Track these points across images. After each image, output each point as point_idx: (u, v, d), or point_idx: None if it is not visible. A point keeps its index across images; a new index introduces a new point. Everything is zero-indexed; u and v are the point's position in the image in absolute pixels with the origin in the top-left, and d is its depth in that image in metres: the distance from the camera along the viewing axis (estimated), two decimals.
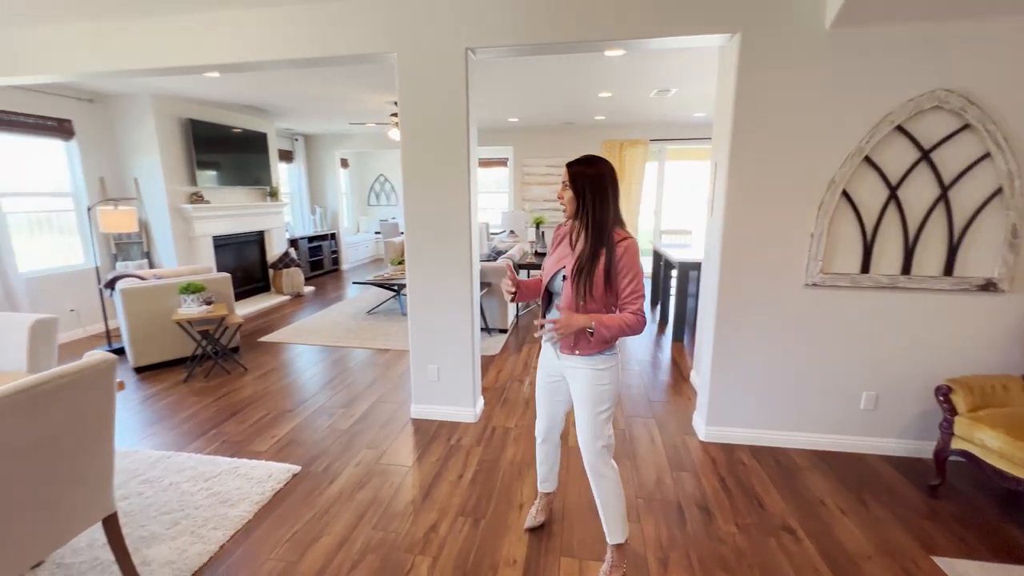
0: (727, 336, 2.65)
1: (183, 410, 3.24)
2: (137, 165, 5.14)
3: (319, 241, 8.36)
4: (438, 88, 2.64)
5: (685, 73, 4.22)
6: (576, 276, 1.60)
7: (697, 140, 7.26)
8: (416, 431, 2.93)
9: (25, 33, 3.01)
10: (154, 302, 3.84)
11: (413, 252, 2.89)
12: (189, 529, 2.06)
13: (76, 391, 1.51)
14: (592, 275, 1.58)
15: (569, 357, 1.71)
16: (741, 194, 2.48)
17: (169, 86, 4.65)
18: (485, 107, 5.81)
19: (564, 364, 1.74)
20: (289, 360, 4.19)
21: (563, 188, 1.65)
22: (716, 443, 2.77)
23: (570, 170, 1.63)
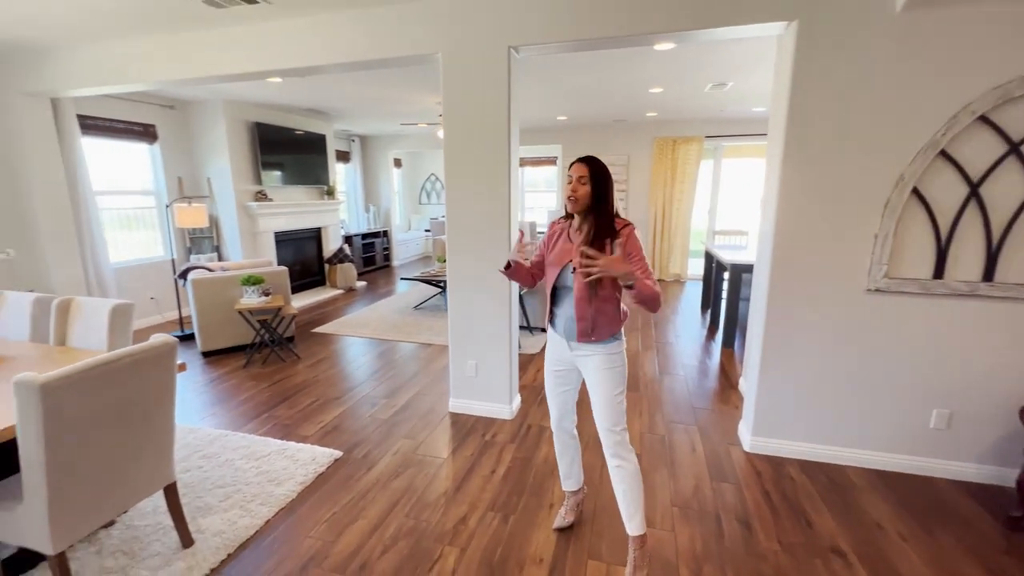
0: (777, 342, 2.50)
1: (241, 393, 3.48)
2: (210, 165, 5.57)
3: (372, 238, 8.69)
4: (480, 87, 2.66)
5: (743, 65, 4.01)
6: (587, 266, 1.59)
7: (757, 136, 6.89)
8: (453, 425, 2.98)
9: (112, 46, 3.33)
10: (220, 292, 4.14)
11: (454, 249, 2.94)
12: (239, 503, 2.21)
13: (142, 369, 1.66)
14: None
15: (583, 346, 1.76)
16: (796, 191, 2.33)
17: (238, 92, 5.00)
18: (533, 106, 5.81)
19: (576, 353, 1.79)
20: (339, 351, 4.39)
21: (579, 183, 1.69)
22: (762, 455, 2.62)
23: (589, 166, 1.69)
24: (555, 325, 1.84)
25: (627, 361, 1.81)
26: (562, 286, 1.78)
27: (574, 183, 1.70)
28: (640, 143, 7.40)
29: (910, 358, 2.34)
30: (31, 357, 2.16)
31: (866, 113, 2.18)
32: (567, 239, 1.79)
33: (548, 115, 6.55)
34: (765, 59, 3.82)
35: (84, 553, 1.90)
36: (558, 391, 1.93)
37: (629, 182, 7.60)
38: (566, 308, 1.77)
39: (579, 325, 1.72)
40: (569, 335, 1.78)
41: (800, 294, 2.42)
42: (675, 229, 7.44)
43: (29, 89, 3.69)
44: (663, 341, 4.62)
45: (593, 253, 1.55)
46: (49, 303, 2.42)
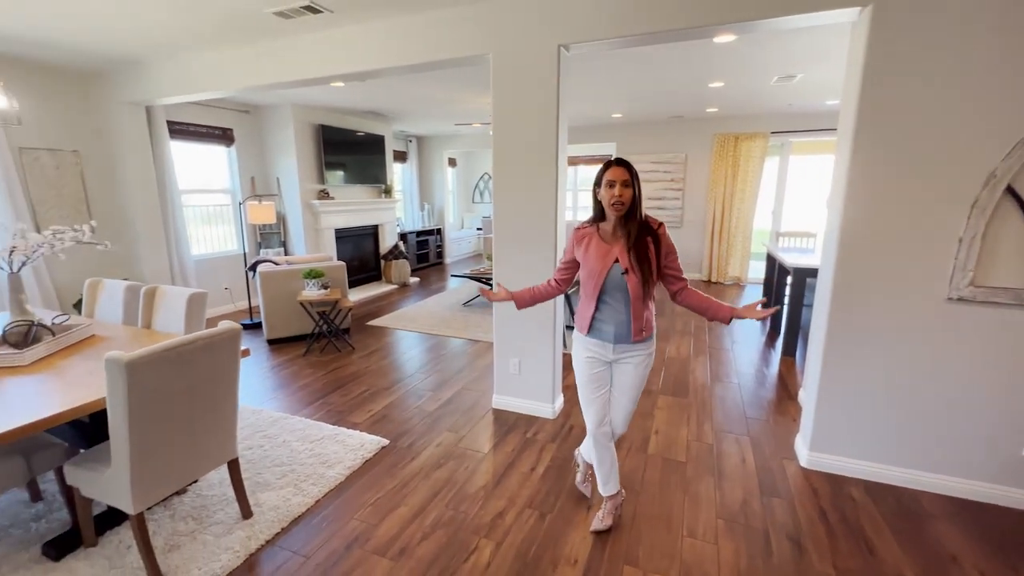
0: (840, 350, 2.33)
1: (300, 379, 3.70)
2: (279, 166, 5.96)
3: (426, 236, 8.95)
4: (529, 87, 2.67)
5: (814, 55, 3.76)
6: (640, 265, 1.73)
7: (829, 131, 6.42)
8: (495, 421, 3.02)
9: (196, 58, 3.65)
10: (284, 284, 4.43)
11: (500, 248, 2.97)
12: (293, 482, 2.36)
13: (211, 352, 1.81)
14: (650, 261, 1.74)
15: (631, 346, 1.84)
16: (865, 189, 2.16)
17: (305, 96, 5.31)
18: (586, 103, 5.74)
19: (620, 355, 1.86)
20: (391, 343, 4.56)
21: (623, 188, 1.71)
22: (820, 471, 2.45)
23: (628, 169, 1.72)
24: (597, 329, 1.85)
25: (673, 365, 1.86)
26: (611, 289, 1.78)
27: (619, 188, 1.70)
28: (699, 140, 7.11)
29: (998, 377, 2.10)
30: (123, 338, 2.42)
31: (949, 104, 1.98)
32: (600, 242, 1.80)
33: (602, 112, 6.45)
34: (839, 48, 3.56)
35: (160, 515, 2.11)
36: (596, 395, 1.93)
37: (686, 181, 7.33)
38: (615, 311, 1.80)
39: (635, 324, 1.79)
40: (619, 336, 1.81)
41: (868, 300, 2.24)
42: (735, 230, 7.09)
43: (128, 99, 4.12)
44: (717, 347, 4.42)
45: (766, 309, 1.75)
46: (138, 290, 2.70)
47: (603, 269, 1.77)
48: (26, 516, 2.11)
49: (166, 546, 1.93)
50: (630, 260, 1.74)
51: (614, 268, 1.75)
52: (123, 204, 4.47)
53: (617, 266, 1.75)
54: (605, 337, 1.84)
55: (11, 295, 2.26)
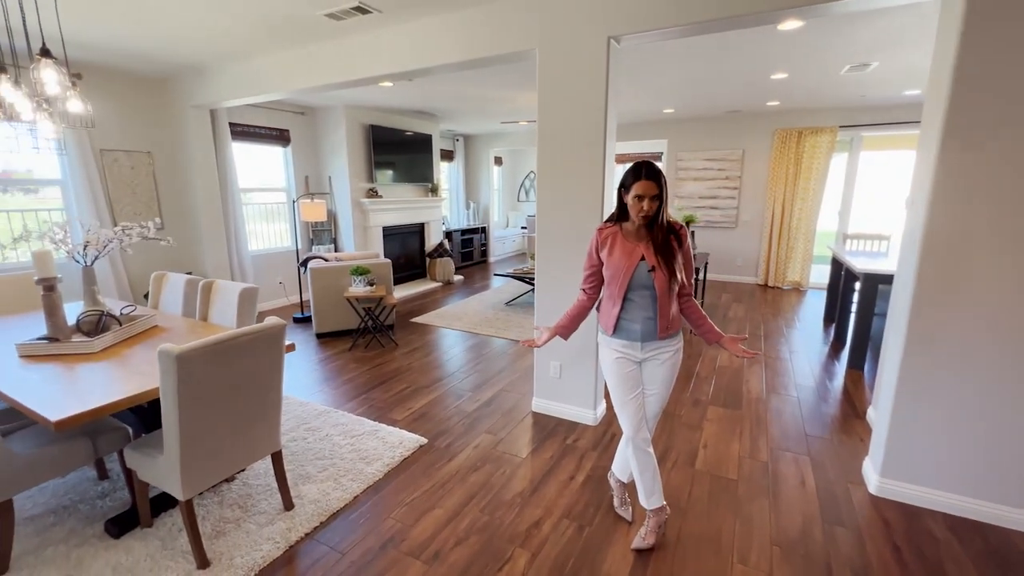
0: (920, 366, 2.08)
1: (345, 374, 3.79)
2: (331, 165, 6.15)
3: (471, 234, 9.00)
4: (577, 82, 2.58)
5: (892, 39, 3.42)
6: (666, 264, 1.73)
7: (906, 124, 5.89)
8: (534, 424, 2.95)
9: (254, 62, 3.80)
10: (332, 280, 4.56)
11: (543, 248, 2.90)
12: (333, 476, 2.39)
13: (257, 346, 1.85)
14: (676, 260, 1.75)
15: (660, 343, 1.83)
16: (955, 186, 1.91)
17: (356, 97, 5.45)
18: (635, 98, 5.55)
19: (648, 353, 1.84)
20: (433, 341, 4.60)
21: (651, 202, 1.70)
22: (893, 500, 2.21)
23: (657, 181, 1.70)
24: (624, 329, 1.83)
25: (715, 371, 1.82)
26: (637, 287, 1.77)
27: (647, 203, 1.70)
28: (758, 136, 6.72)
29: None
30: (181, 329, 2.55)
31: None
32: (625, 241, 1.80)
33: (653, 108, 6.22)
34: (922, 32, 3.22)
35: (210, 501, 2.19)
36: (629, 397, 1.86)
37: (742, 179, 6.95)
38: (642, 309, 1.79)
39: (661, 322, 1.78)
40: (647, 335, 1.81)
41: (955, 312, 1.99)
42: (796, 231, 6.65)
43: (194, 102, 4.36)
44: (774, 356, 4.14)
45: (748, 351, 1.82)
46: (197, 284, 2.84)
47: (629, 267, 1.76)
48: (93, 493, 2.25)
49: (213, 532, 2.00)
50: (657, 257, 1.74)
51: (640, 266, 1.75)
52: (189, 202, 4.75)
53: (643, 264, 1.75)
54: (632, 336, 1.82)
55: (85, 286, 2.43)
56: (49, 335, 2.21)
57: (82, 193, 4.03)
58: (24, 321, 2.68)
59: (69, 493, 2.25)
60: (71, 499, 2.21)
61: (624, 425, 1.89)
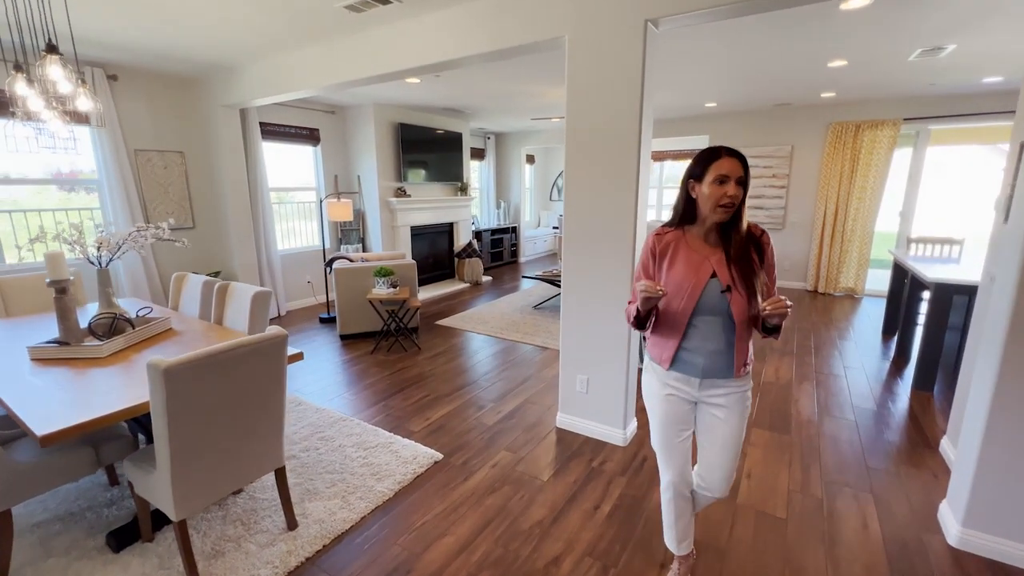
0: (1017, 400, 1.75)
1: (366, 378, 3.68)
2: (360, 164, 6.11)
3: (501, 234, 8.83)
4: (610, 70, 2.34)
5: (972, 19, 3.00)
6: (745, 281, 1.38)
7: (983, 116, 5.29)
8: (558, 442, 2.74)
9: (279, 60, 3.75)
10: (357, 281, 4.48)
11: (571, 251, 2.68)
12: (341, 493, 2.26)
13: (255, 359, 1.73)
14: (757, 275, 1.39)
15: (725, 383, 1.48)
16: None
17: (385, 94, 5.36)
18: (674, 90, 5.22)
19: (709, 393, 1.50)
20: (457, 345, 4.45)
21: (737, 186, 1.35)
22: (978, 556, 1.88)
23: (744, 163, 1.36)
24: (684, 362, 1.48)
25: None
26: (706, 311, 1.42)
27: (732, 186, 1.34)
28: (809, 130, 6.23)
29: None
30: (194, 332, 2.48)
31: None
32: (690, 250, 1.44)
33: (693, 102, 5.86)
34: (1014, 10, 2.79)
35: (213, 516, 2.10)
36: (678, 440, 1.57)
37: (791, 177, 6.47)
38: (709, 339, 1.43)
39: (737, 358, 1.44)
40: (712, 371, 1.46)
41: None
42: (851, 234, 6.13)
43: (224, 102, 4.37)
44: (826, 371, 3.77)
45: (783, 303, 1.29)
46: (213, 286, 2.77)
47: (697, 285, 1.40)
48: (101, 500, 2.20)
49: (212, 551, 1.90)
50: (732, 274, 1.38)
51: (711, 284, 1.40)
52: (219, 202, 4.78)
53: (715, 281, 1.39)
54: (692, 371, 1.48)
55: (100, 288, 2.39)
56: (60, 338, 2.17)
57: (116, 193, 4.09)
58: (44, 321, 2.68)
59: (79, 499, 2.21)
60: (80, 505, 2.17)
61: (664, 470, 1.62)
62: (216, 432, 1.67)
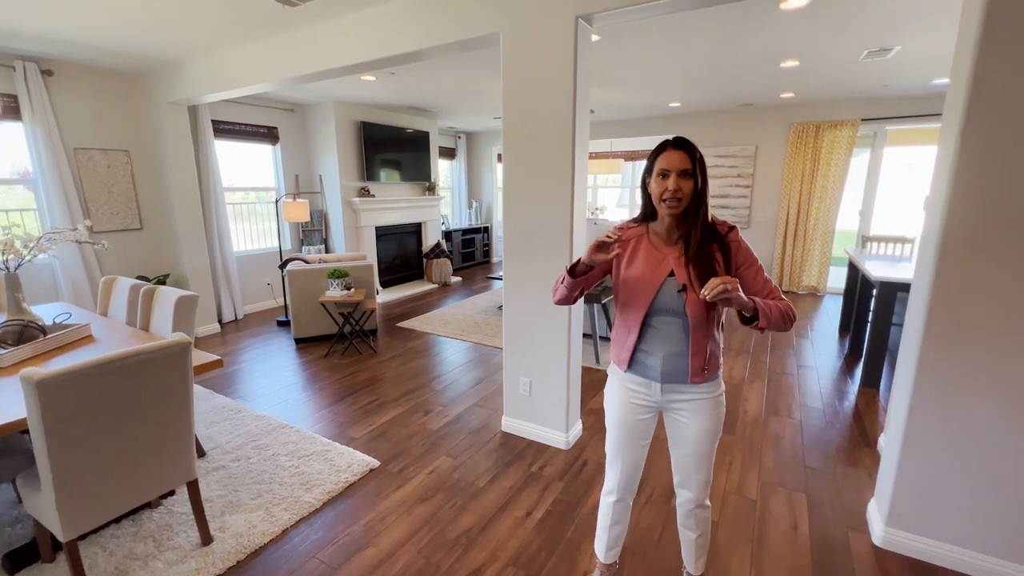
0: (935, 398, 1.75)
1: (316, 383, 3.59)
2: (321, 163, 5.99)
3: (472, 234, 8.76)
4: (542, 67, 2.30)
5: (916, 19, 3.03)
6: (702, 281, 1.27)
7: (935, 117, 5.40)
8: (501, 447, 2.69)
9: (227, 55, 3.63)
10: (311, 283, 4.37)
11: (510, 252, 2.63)
12: (266, 504, 2.17)
13: (152, 368, 1.64)
14: (717, 274, 1.28)
15: (688, 388, 1.40)
16: (978, 184, 1.58)
17: (346, 93, 5.25)
18: (638, 90, 5.22)
19: (672, 398, 1.42)
20: (415, 348, 4.37)
21: (680, 179, 1.28)
22: (899, 555, 1.88)
23: (690, 153, 1.29)
24: (641, 364, 1.42)
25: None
26: (662, 311, 1.36)
27: (674, 180, 1.28)
28: (771, 130, 6.30)
29: None
30: (114, 339, 2.36)
31: None
32: (651, 248, 1.39)
33: (658, 101, 5.87)
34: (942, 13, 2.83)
35: (125, 532, 2.00)
36: (629, 449, 1.51)
37: (755, 176, 6.53)
38: (667, 340, 1.37)
39: (694, 361, 1.35)
40: (671, 375, 1.38)
41: (981, 330, 1.65)
42: (813, 232, 6.21)
43: (170, 99, 4.22)
44: (779, 370, 3.79)
45: (724, 281, 1.17)
46: (139, 290, 2.66)
47: (654, 282, 1.35)
48: (6, 519, 2.08)
49: (116, 570, 1.80)
50: (690, 273, 1.31)
51: (668, 282, 1.34)
52: (168, 202, 4.62)
53: (672, 280, 1.34)
54: (651, 374, 1.41)
55: (8, 294, 2.27)
56: None
57: (53, 193, 3.92)
58: None
59: None
60: None
61: (608, 478, 1.57)
62: (107, 447, 1.58)
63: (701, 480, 1.48)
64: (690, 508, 1.53)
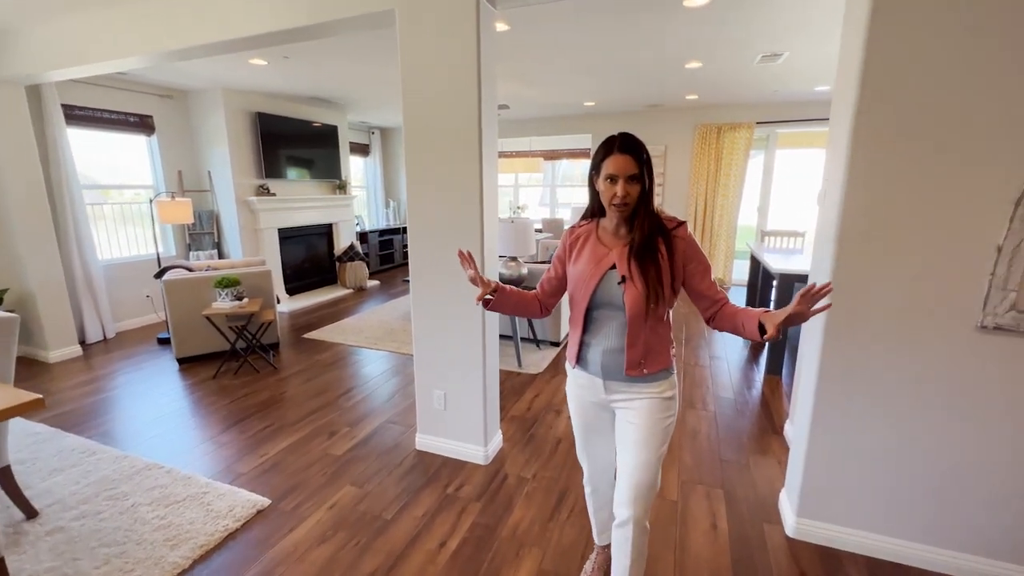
0: (838, 392, 1.79)
1: (199, 410, 3.10)
2: (210, 158, 5.32)
3: (391, 235, 8.34)
4: (443, 52, 2.10)
5: (801, 27, 3.21)
6: (644, 273, 1.28)
7: (817, 122, 5.92)
8: (415, 468, 2.45)
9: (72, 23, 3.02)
10: (195, 294, 3.81)
11: (417, 252, 2.41)
12: (117, 570, 1.77)
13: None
14: (658, 268, 1.29)
15: (629, 384, 1.36)
16: (869, 184, 1.61)
17: (234, 79, 4.68)
18: (553, 87, 5.17)
19: (616, 397, 1.40)
20: (322, 361, 3.97)
21: (628, 184, 1.26)
22: (811, 543, 1.92)
23: (637, 157, 1.26)
24: (585, 358, 1.43)
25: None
26: (603, 304, 1.35)
27: (622, 186, 1.26)
28: (679, 131, 6.58)
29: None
30: None
31: (984, 64, 1.43)
32: (598, 243, 1.39)
33: (573, 99, 5.88)
34: (833, 20, 3.02)
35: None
36: (592, 446, 1.55)
37: (666, 175, 6.80)
38: (607, 335, 1.36)
39: (628, 354, 1.33)
40: (609, 371, 1.37)
41: (874, 327, 1.70)
42: (719, 228, 6.58)
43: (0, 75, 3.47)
44: (694, 362, 3.89)
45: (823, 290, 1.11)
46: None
47: (595, 275, 1.34)
48: None
49: None
50: (630, 266, 1.30)
51: (609, 276, 1.33)
52: (3, 203, 3.81)
53: (613, 273, 1.33)
54: (592, 369, 1.41)
55: None
56: None
57: None
58: None
59: None
60: None
61: (584, 469, 1.63)
62: None
63: (632, 494, 1.32)
64: (627, 530, 1.34)
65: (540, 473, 2.39)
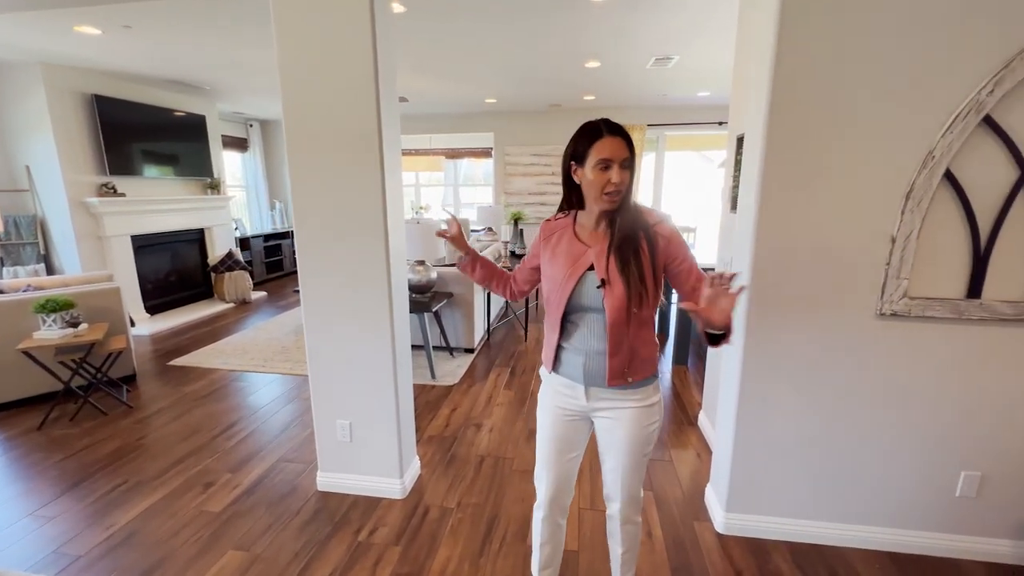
0: (759, 389, 1.81)
1: (19, 473, 2.39)
2: (28, 151, 4.27)
3: (278, 239, 7.49)
4: (330, 30, 1.78)
5: (691, 32, 3.36)
6: (624, 275, 1.18)
7: (700, 125, 6.40)
8: (317, 514, 2.08)
9: None
10: (7, 323, 2.97)
11: (308, 261, 2.05)
12: None
13: None
14: (641, 268, 1.19)
15: (613, 392, 1.27)
16: (780, 182, 1.64)
17: (58, 52, 3.77)
18: (452, 80, 4.94)
19: (597, 405, 1.30)
20: (194, 393, 3.33)
21: (622, 171, 1.16)
22: (741, 537, 1.93)
23: (628, 142, 1.17)
24: (564, 362, 1.32)
25: None
26: (581, 307, 1.26)
27: (617, 171, 1.15)
28: None
29: (934, 405, 1.72)
30: None
31: (881, 70, 1.50)
32: (575, 240, 1.29)
33: (474, 96, 5.71)
34: (718, 27, 3.18)
35: None
36: (562, 460, 1.37)
37: None
38: (586, 338, 1.27)
39: (612, 362, 1.23)
40: (592, 378, 1.27)
41: (787, 320, 1.73)
42: None
43: None
44: None
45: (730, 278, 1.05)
46: None
47: (571, 278, 1.25)
48: None
49: None
50: (609, 266, 1.20)
51: (587, 277, 1.24)
52: None
53: (591, 275, 1.24)
54: (574, 375, 1.30)
55: None
56: None
57: None
58: None
59: None
60: None
61: (540, 491, 1.42)
62: None
63: (625, 496, 1.36)
64: (617, 522, 1.41)
65: (465, 500, 2.17)
